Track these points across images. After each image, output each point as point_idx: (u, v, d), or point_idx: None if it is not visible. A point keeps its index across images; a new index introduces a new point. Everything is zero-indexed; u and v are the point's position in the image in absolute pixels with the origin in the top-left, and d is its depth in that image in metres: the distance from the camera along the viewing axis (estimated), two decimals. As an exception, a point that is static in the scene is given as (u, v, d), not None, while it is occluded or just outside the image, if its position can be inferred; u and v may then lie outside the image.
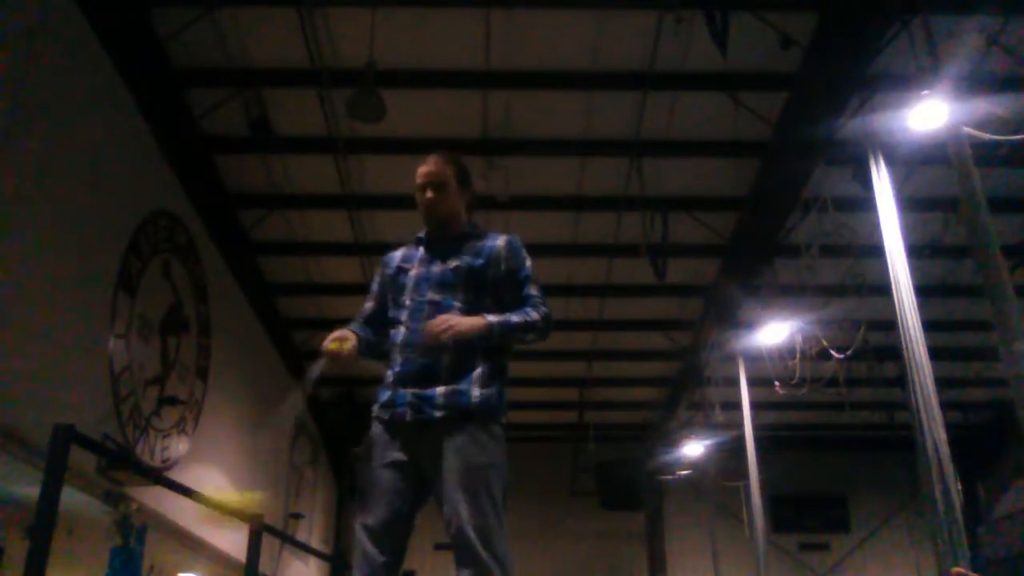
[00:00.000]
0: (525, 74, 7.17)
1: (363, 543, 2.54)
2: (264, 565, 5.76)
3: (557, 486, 14.75)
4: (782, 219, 8.47)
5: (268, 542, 6.72)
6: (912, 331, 6.14)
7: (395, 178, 8.39)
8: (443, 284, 2.75)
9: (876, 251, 6.87)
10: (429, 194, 2.88)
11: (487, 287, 2.77)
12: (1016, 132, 6.04)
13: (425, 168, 2.94)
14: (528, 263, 2.84)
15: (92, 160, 6.10)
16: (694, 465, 13.32)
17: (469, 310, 2.68)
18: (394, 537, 2.56)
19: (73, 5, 5.75)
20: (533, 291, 2.79)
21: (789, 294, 9.16)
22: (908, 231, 6.64)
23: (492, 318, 2.66)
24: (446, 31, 6.79)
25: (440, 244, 2.87)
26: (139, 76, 6.58)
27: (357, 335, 2.77)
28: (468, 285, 2.75)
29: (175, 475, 7.04)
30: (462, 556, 2.45)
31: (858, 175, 6.98)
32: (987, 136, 5.79)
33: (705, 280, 10.03)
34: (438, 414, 2.58)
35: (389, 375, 2.74)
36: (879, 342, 9.58)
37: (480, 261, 2.78)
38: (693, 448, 12.83)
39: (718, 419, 11.92)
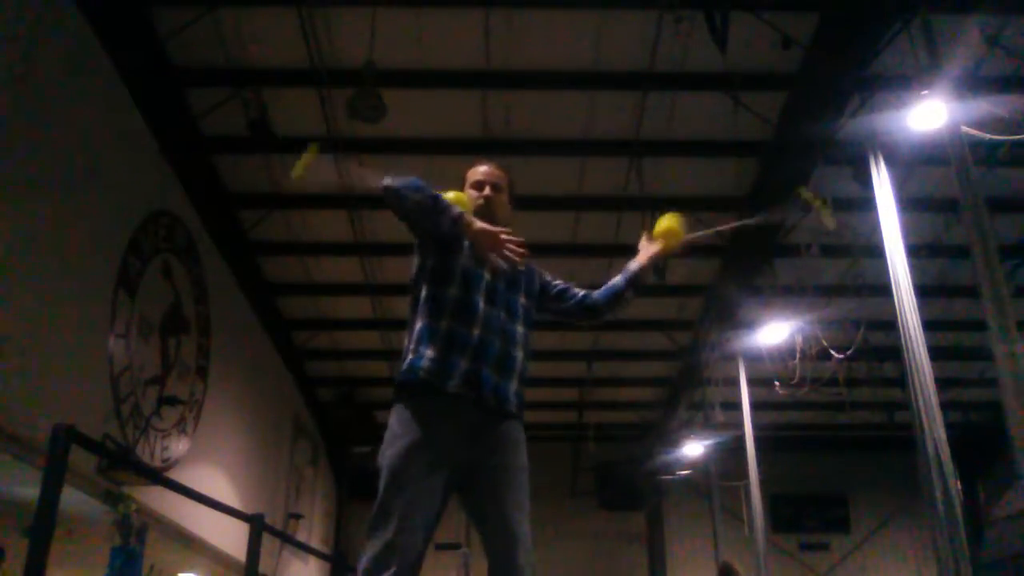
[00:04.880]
0: (525, 74, 7.17)
1: (406, 535, 2.32)
2: (264, 565, 5.75)
3: (557, 486, 14.73)
4: (782, 219, 8.47)
5: (268, 542, 6.72)
6: (912, 331, 6.14)
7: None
8: (513, 306, 2.73)
9: (876, 251, 6.87)
10: (488, 192, 2.80)
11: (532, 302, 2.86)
12: (1016, 132, 6.04)
13: (484, 168, 2.87)
14: None
15: (92, 160, 6.10)
16: (694, 465, 13.30)
17: (527, 326, 2.76)
18: (430, 535, 2.43)
19: (73, 5, 5.75)
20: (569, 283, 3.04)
21: (789, 294, 9.16)
22: (908, 231, 6.64)
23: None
24: (446, 31, 6.79)
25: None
26: (139, 76, 6.58)
27: None
28: (526, 318, 2.78)
29: (175, 475, 7.05)
30: (504, 537, 2.45)
31: (858, 175, 6.98)
32: (987, 136, 5.80)
33: (705, 280, 10.03)
34: (513, 409, 2.58)
35: (447, 344, 2.50)
36: (879, 342, 9.58)
37: (532, 283, 2.87)
38: (693, 448, 12.81)
39: (718, 419, 11.91)
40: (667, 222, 3.03)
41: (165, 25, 6.49)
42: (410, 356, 2.55)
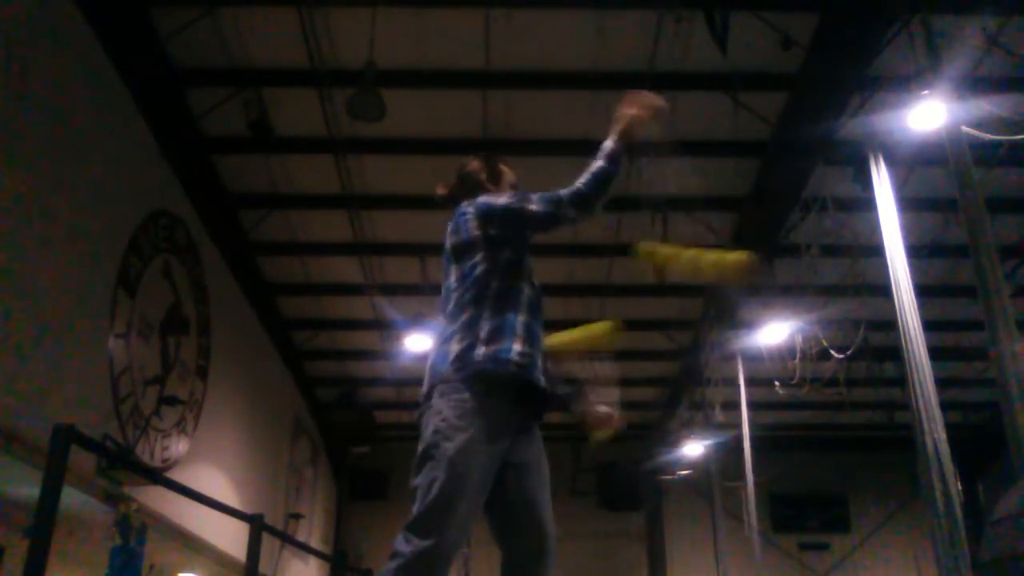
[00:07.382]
0: (525, 74, 7.17)
1: (461, 534, 2.28)
2: (264, 565, 5.76)
3: (557, 486, 14.55)
4: (782, 219, 8.47)
5: (268, 542, 6.72)
6: (912, 331, 6.15)
7: (395, 178, 8.41)
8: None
9: (876, 251, 6.87)
10: None
11: None
12: (1016, 132, 6.04)
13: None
14: None
15: (92, 160, 6.10)
16: (694, 465, 13.30)
17: None
18: None
19: (72, 5, 5.75)
20: None
21: (789, 294, 9.16)
22: (908, 231, 6.65)
23: None
24: (446, 31, 6.79)
25: None
26: (139, 76, 6.58)
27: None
28: None
29: (175, 475, 7.04)
30: (537, 536, 2.54)
31: (858, 175, 6.98)
32: (987, 136, 5.80)
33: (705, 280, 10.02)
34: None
35: (530, 340, 2.50)
36: (879, 342, 9.57)
37: None
38: (693, 448, 12.82)
39: (718, 419, 11.91)
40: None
41: (165, 25, 6.49)
42: (490, 347, 2.42)
